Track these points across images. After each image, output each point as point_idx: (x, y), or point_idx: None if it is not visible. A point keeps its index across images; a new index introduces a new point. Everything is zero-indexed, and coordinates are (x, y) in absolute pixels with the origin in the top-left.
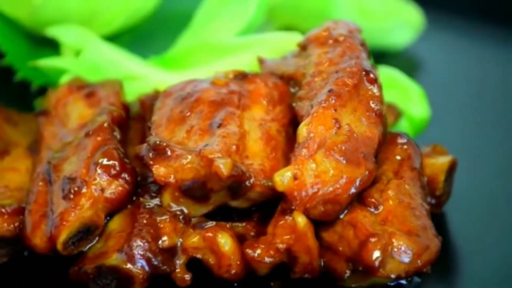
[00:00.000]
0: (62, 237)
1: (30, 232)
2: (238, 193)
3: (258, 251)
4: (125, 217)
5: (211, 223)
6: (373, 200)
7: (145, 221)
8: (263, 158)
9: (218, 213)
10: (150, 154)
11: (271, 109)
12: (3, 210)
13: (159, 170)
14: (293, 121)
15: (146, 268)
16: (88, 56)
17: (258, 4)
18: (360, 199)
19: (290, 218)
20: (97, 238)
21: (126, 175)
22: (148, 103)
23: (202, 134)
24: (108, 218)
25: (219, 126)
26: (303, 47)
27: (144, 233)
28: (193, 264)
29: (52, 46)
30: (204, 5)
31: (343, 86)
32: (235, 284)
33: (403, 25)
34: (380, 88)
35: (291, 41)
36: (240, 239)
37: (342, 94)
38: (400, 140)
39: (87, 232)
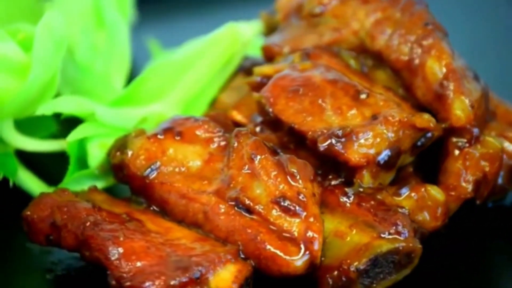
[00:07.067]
0: (319, 251)
1: (285, 261)
2: (422, 146)
3: (458, 189)
4: (331, 213)
5: (405, 186)
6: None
7: (372, 202)
8: (407, 109)
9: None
10: (339, 143)
11: (355, 72)
12: (237, 258)
13: (355, 154)
14: None
15: (420, 239)
16: (102, 118)
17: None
18: None
19: (478, 146)
20: None
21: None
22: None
23: (356, 109)
24: None
25: (368, 95)
26: (316, 15)
27: (395, 211)
28: None
29: None
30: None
31: (426, 17)
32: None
33: None
34: None
35: (237, 30)
36: None
37: (435, 23)
38: None
39: None
